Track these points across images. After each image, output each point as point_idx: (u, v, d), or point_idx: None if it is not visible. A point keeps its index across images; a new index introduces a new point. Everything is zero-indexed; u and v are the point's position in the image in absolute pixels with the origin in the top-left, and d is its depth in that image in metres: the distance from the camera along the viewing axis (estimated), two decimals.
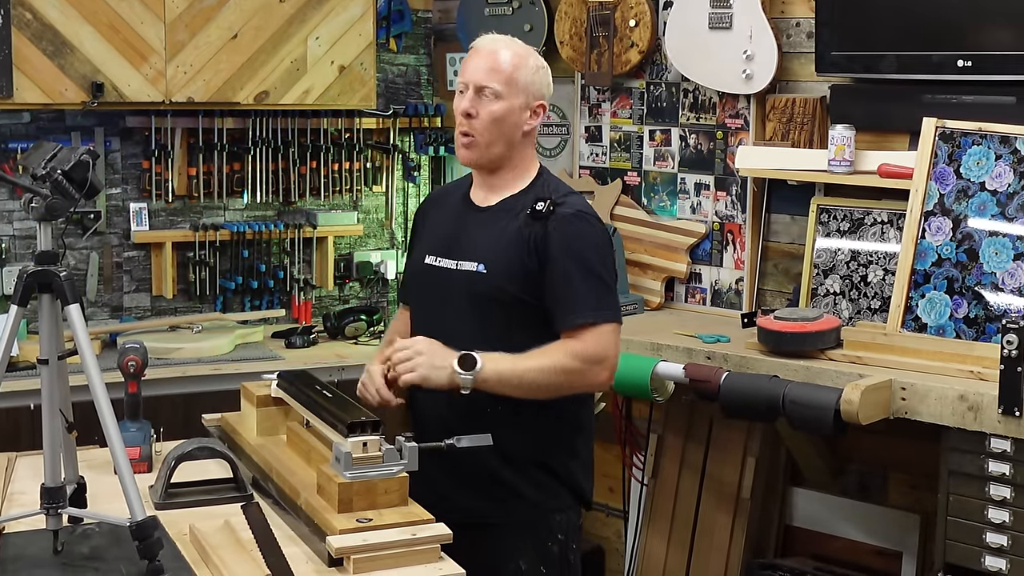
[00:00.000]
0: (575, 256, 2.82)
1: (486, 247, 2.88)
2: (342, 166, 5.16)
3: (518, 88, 2.87)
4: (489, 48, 2.90)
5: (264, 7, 4.67)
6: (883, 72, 3.81)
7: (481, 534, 2.82)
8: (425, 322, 2.96)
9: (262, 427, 3.03)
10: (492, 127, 2.86)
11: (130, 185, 4.86)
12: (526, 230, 2.85)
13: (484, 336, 2.83)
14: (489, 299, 2.85)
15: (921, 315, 3.55)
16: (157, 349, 4.35)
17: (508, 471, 2.88)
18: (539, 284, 2.83)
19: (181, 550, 2.49)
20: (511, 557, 2.89)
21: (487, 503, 2.89)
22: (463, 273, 2.89)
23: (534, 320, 2.85)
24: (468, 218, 2.97)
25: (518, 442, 2.86)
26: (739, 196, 4.28)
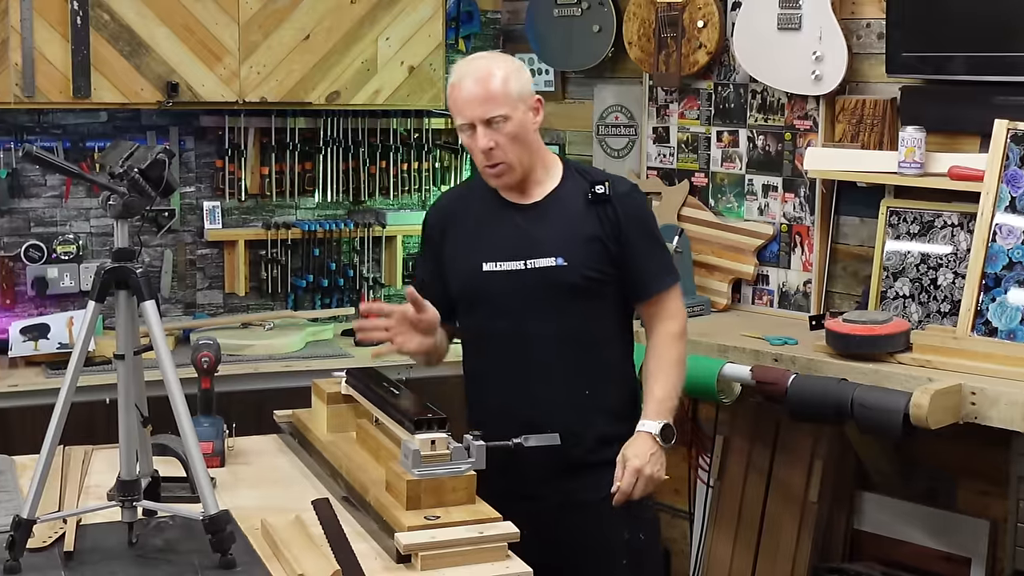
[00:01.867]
0: (644, 229, 2.99)
1: (558, 240, 2.92)
2: (411, 166, 5.20)
3: (515, 99, 2.88)
4: (472, 78, 2.88)
5: (336, 8, 4.72)
6: (954, 73, 3.78)
7: (588, 512, 2.93)
8: (496, 329, 2.97)
9: (332, 424, 3.07)
10: (515, 146, 2.89)
11: (204, 184, 4.93)
12: (593, 214, 2.93)
13: (567, 326, 2.92)
14: (573, 289, 2.91)
15: (992, 319, 3.52)
16: (229, 346, 4.41)
17: (607, 449, 2.93)
18: (616, 262, 2.94)
19: (252, 544, 2.53)
20: (620, 528, 2.95)
21: (583, 483, 2.94)
22: (539, 271, 2.91)
23: (610, 297, 2.97)
24: (517, 218, 2.97)
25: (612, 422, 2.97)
26: (807, 198, 4.26)
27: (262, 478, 2.99)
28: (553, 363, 2.94)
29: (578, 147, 5.20)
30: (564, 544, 2.93)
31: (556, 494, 2.94)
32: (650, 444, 2.89)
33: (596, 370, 2.98)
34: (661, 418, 2.92)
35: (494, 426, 2.80)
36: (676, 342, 3.00)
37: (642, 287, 2.99)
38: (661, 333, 3.00)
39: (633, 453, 2.89)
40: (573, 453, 2.91)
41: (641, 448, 2.89)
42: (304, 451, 3.10)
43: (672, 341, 3.00)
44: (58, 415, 2.40)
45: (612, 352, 3.02)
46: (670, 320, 3.00)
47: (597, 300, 2.95)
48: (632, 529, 2.96)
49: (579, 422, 2.92)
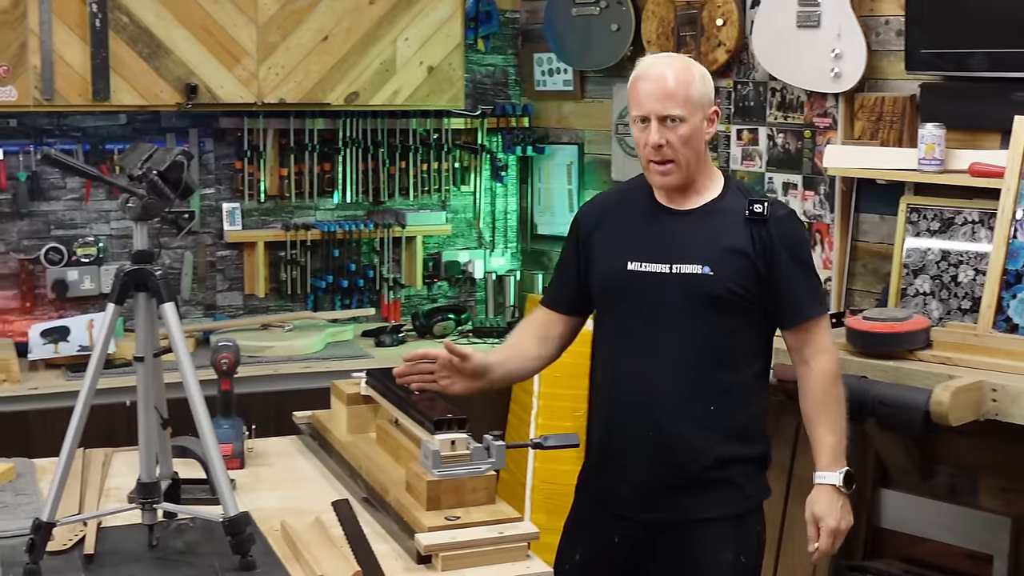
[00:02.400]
0: (798, 257, 2.93)
1: (707, 249, 2.88)
2: (431, 166, 5.21)
3: (695, 105, 2.85)
4: (656, 73, 2.87)
5: (354, 9, 4.73)
6: (974, 70, 3.76)
7: (691, 529, 2.89)
8: (633, 330, 2.93)
9: (352, 425, 3.07)
10: (685, 149, 2.86)
11: (223, 185, 4.94)
12: (747, 232, 2.88)
13: (704, 337, 2.87)
14: (715, 300, 2.86)
15: (1013, 316, 3.51)
16: (249, 347, 4.41)
17: (724, 469, 2.90)
18: (764, 284, 2.88)
19: (272, 546, 2.53)
20: (719, 549, 2.91)
21: (701, 499, 2.90)
22: (683, 277, 2.87)
23: (751, 318, 2.92)
24: (669, 222, 2.94)
25: (732, 442, 2.91)
26: (827, 195, 4.25)
27: (282, 479, 2.99)
28: (681, 373, 2.88)
29: (597, 146, 5.20)
30: (667, 561, 2.90)
31: (670, 509, 2.89)
32: (836, 497, 2.90)
33: (725, 387, 2.90)
34: (838, 466, 2.91)
35: (620, 422, 2.87)
36: (835, 381, 2.95)
37: (790, 312, 2.92)
38: (818, 371, 2.94)
39: (824, 512, 2.90)
40: (689, 469, 2.87)
41: (830, 504, 2.90)
42: (324, 452, 3.11)
43: (832, 380, 2.94)
44: (78, 417, 2.41)
45: (745, 372, 2.94)
46: (823, 356, 2.94)
47: (737, 316, 2.89)
48: (736, 551, 2.92)
49: (699, 438, 2.86)
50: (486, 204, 5.44)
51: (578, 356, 4.60)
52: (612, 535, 2.91)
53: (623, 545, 2.90)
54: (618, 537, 2.90)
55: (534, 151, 5.38)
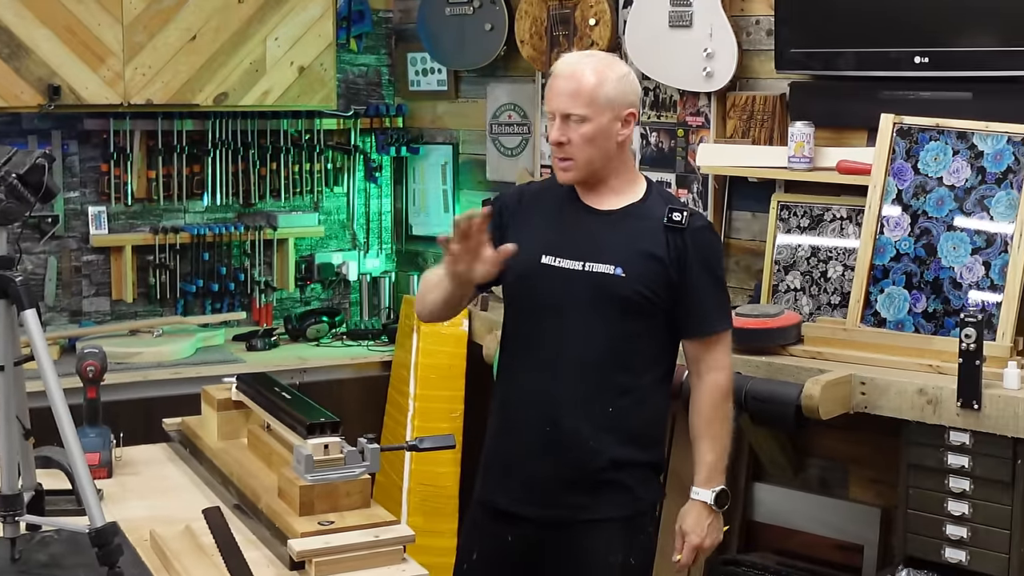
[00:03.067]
0: (710, 269, 2.93)
1: (621, 250, 2.88)
2: (303, 167, 5.15)
3: (601, 105, 2.84)
4: (569, 71, 2.88)
5: (223, 8, 4.65)
6: (841, 69, 3.82)
7: (582, 530, 2.89)
8: (540, 323, 2.93)
9: (223, 431, 3.02)
10: (586, 147, 2.86)
11: (89, 188, 4.83)
12: (663, 238, 2.88)
13: (609, 336, 2.87)
14: (622, 301, 2.86)
15: (880, 310, 3.57)
16: (117, 354, 4.33)
17: (617, 471, 2.91)
18: (673, 291, 2.89)
19: (142, 556, 2.48)
20: (610, 551, 2.91)
21: (593, 500, 2.90)
22: (594, 275, 2.87)
23: (657, 323, 2.91)
24: (588, 220, 2.93)
25: (627, 444, 2.91)
26: (700, 193, 4.29)
27: (151, 488, 2.93)
28: (582, 371, 2.88)
29: (471, 146, 5.19)
30: (558, 561, 2.90)
31: (561, 508, 2.89)
32: (706, 514, 2.92)
33: (625, 390, 2.90)
34: (713, 484, 2.93)
35: (518, 415, 2.88)
36: (725, 400, 2.97)
37: (694, 323, 2.93)
38: (708, 387, 2.95)
39: (690, 528, 2.92)
40: (583, 469, 2.87)
41: (698, 521, 2.93)
42: (194, 459, 3.05)
43: (722, 398, 2.96)
44: None
45: (646, 377, 2.94)
46: (718, 372, 2.95)
47: (643, 320, 2.89)
48: (626, 552, 2.92)
49: (595, 438, 2.87)
50: (360, 205, 5.39)
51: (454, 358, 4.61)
52: (506, 534, 2.91)
53: (517, 544, 2.91)
54: (511, 536, 2.91)
55: (408, 151, 5.35)
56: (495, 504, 2.94)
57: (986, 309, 3.39)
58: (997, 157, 3.46)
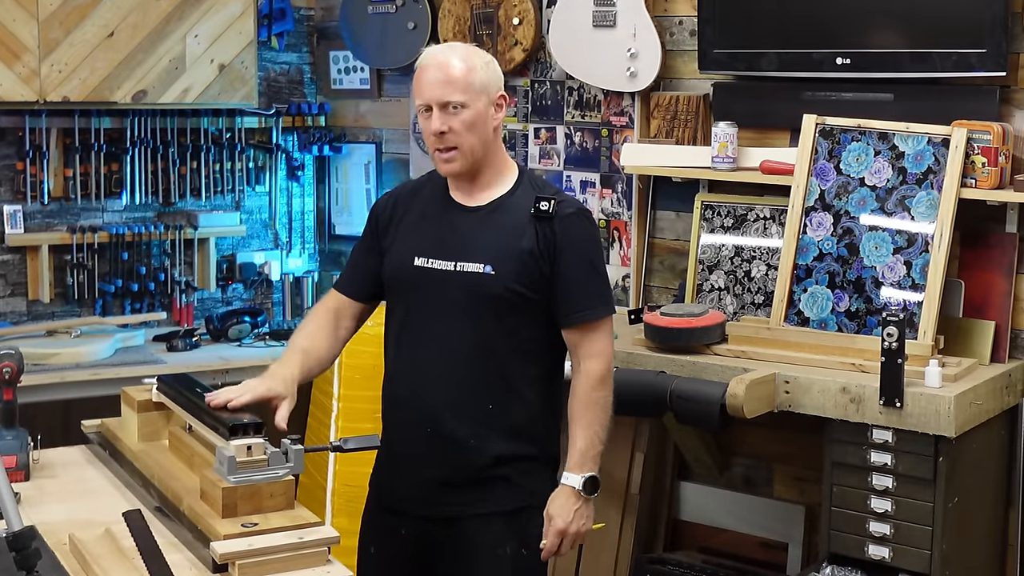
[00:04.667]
0: (582, 255, 2.89)
1: (490, 248, 2.86)
2: (223, 166, 5.09)
3: (477, 90, 2.84)
4: (437, 61, 2.86)
5: (141, 4, 4.59)
6: (764, 70, 3.86)
7: (470, 524, 2.89)
8: (416, 325, 2.92)
9: (143, 432, 2.97)
10: (468, 135, 2.84)
11: (3, 187, 4.74)
12: (532, 230, 2.86)
13: (484, 335, 2.85)
14: (495, 299, 2.84)
15: (804, 309, 3.60)
16: (34, 355, 4.25)
17: (502, 467, 2.89)
18: (547, 283, 2.87)
19: (61, 560, 2.42)
20: (499, 544, 2.90)
21: (479, 495, 2.89)
22: (466, 275, 2.85)
23: (535, 317, 2.89)
24: (457, 218, 2.92)
25: (511, 440, 2.89)
26: (625, 193, 4.30)
27: (70, 491, 2.87)
28: (461, 369, 2.87)
29: (395, 145, 5.16)
30: (449, 555, 2.90)
31: (448, 505, 2.89)
32: (573, 500, 2.86)
33: (505, 387, 2.89)
34: (584, 471, 2.87)
35: (399, 418, 2.89)
36: (600, 386, 2.90)
37: (567, 312, 2.89)
38: (584, 374, 2.90)
39: (556, 512, 2.88)
40: (465, 467, 2.86)
41: (564, 506, 2.87)
42: (114, 461, 3.00)
43: (596, 384, 2.90)
44: None
45: (527, 372, 2.91)
46: (595, 359, 2.90)
47: (521, 316, 2.87)
48: (517, 543, 2.91)
49: (476, 436, 2.86)
50: (282, 204, 5.34)
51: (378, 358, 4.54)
52: (400, 529, 2.92)
53: (410, 538, 2.92)
54: (404, 530, 2.92)
55: (331, 150, 5.31)
56: (387, 502, 2.96)
57: (907, 308, 3.43)
58: (918, 158, 3.50)
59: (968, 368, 3.35)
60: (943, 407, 3.12)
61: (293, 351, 2.95)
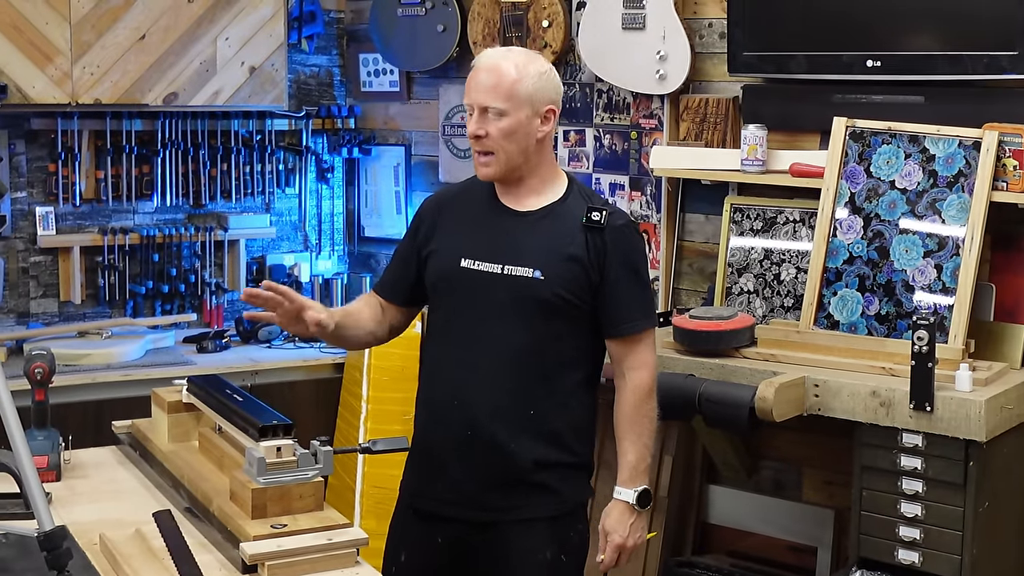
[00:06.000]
0: (631, 267, 2.91)
1: (541, 253, 2.86)
2: (254, 168, 5.11)
3: (521, 100, 2.84)
4: (488, 65, 2.87)
5: (172, 7, 4.62)
6: (794, 72, 3.84)
7: (509, 530, 2.88)
8: (460, 326, 2.92)
9: (173, 433, 2.99)
10: (504, 142, 2.85)
11: (36, 188, 4.77)
12: (582, 238, 2.87)
13: (530, 340, 2.86)
14: (543, 305, 2.85)
15: (833, 312, 3.59)
16: (65, 355, 4.28)
17: (541, 472, 2.89)
18: (594, 292, 2.87)
19: (91, 560, 2.44)
20: (538, 549, 2.90)
21: (518, 501, 2.89)
22: (514, 279, 2.86)
23: (579, 324, 2.90)
24: (507, 222, 2.92)
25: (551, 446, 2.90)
26: (654, 196, 4.30)
27: (100, 491, 2.89)
28: (505, 373, 2.86)
29: (424, 147, 5.17)
30: (488, 561, 2.89)
31: (485, 509, 2.88)
32: (628, 514, 2.91)
33: (547, 392, 2.89)
34: (636, 484, 2.90)
35: (438, 420, 2.86)
36: (648, 398, 2.94)
37: (616, 322, 2.91)
38: (631, 386, 2.93)
39: (612, 527, 2.91)
40: (504, 472, 2.86)
41: (621, 521, 2.91)
42: (145, 462, 3.01)
43: (644, 396, 2.93)
44: None
45: (570, 378, 2.92)
46: (641, 370, 2.93)
47: (566, 323, 2.88)
48: (555, 549, 2.92)
49: (516, 442, 2.85)
50: (312, 206, 5.36)
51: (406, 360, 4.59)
52: (435, 535, 2.90)
53: (446, 545, 2.90)
54: (440, 537, 2.90)
55: (360, 153, 5.33)
56: (421, 506, 2.94)
57: (938, 312, 3.41)
58: (949, 161, 3.48)
59: (999, 372, 3.33)
60: (973, 411, 3.10)
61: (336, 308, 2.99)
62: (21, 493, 2.52)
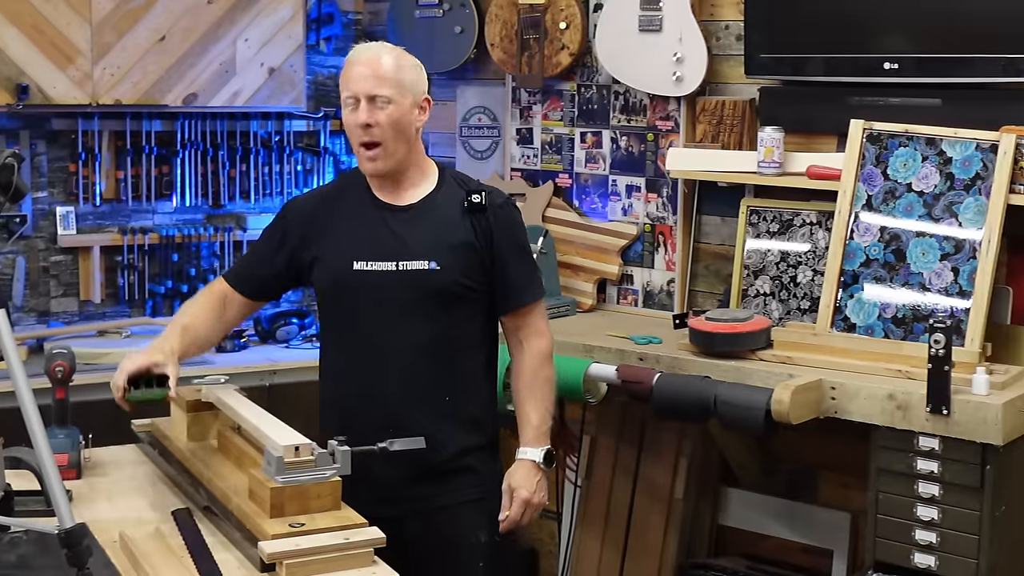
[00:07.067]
0: (517, 244, 3.04)
1: (431, 244, 2.93)
2: (272, 169, 5.13)
3: (405, 88, 2.92)
4: (368, 57, 2.93)
5: (192, 9, 4.64)
6: (811, 74, 3.85)
7: (439, 518, 2.95)
8: (364, 327, 2.96)
9: (192, 432, 3.00)
10: (393, 132, 2.90)
11: (57, 188, 4.80)
12: (468, 223, 2.95)
13: (435, 330, 2.93)
14: (443, 294, 2.92)
15: (850, 315, 3.59)
16: (85, 354, 4.29)
17: (465, 457, 2.98)
18: (487, 272, 2.97)
19: (111, 557, 2.46)
20: (471, 532, 2.99)
21: (445, 487, 2.96)
22: (410, 273, 2.91)
23: (477, 308, 3.00)
24: (390, 218, 2.97)
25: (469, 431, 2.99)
26: (670, 198, 4.30)
27: (120, 489, 2.91)
28: (416, 367, 2.94)
29: (441, 148, 5.18)
30: (422, 549, 2.93)
31: (414, 500, 2.95)
32: (535, 472, 2.99)
33: (458, 378, 2.99)
34: (541, 444, 3.00)
35: (351, 427, 2.75)
36: (546, 362, 3.05)
37: (510, 298, 3.02)
38: (530, 352, 3.04)
39: (519, 483, 2.97)
40: (432, 460, 2.90)
41: (526, 478, 2.98)
42: (164, 461, 3.03)
43: (543, 361, 3.05)
44: None
45: (475, 361, 3.03)
46: (538, 338, 3.05)
47: (464, 307, 2.97)
48: (488, 531, 3.01)
49: (438, 429, 2.91)
50: None
51: None
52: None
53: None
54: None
55: None
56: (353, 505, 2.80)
57: (955, 315, 3.41)
58: (966, 163, 3.48)
59: (1016, 375, 3.33)
60: (990, 415, 3.10)
61: (173, 327, 2.98)
62: (42, 490, 2.55)
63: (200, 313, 3.04)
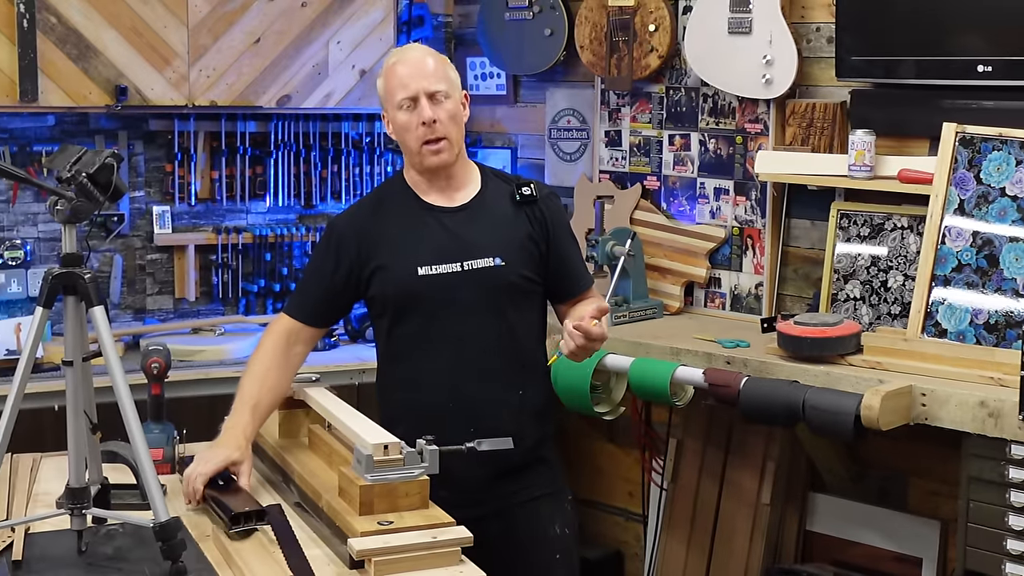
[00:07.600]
0: (566, 230, 3.11)
1: (492, 241, 2.96)
2: (363, 169, 5.19)
3: (454, 83, 2.98)
4: (412, 57, 2.98)
5: (286, 12, 4.70)
6: (903, 77, 3.81)
7: (518, 514, 2.99)
8: (437, 332, 2.97)
9: (284, 429, 3.05)
10: (452, 126, 2.95)
11: (153, 188, 4.89)
12: (523, 216, 3.00)
13: (507, 326, 2.97)
14: (508, 288, 2.96)
15: (941, 320, 3.55)
16: (180, 351, 4.37)
17: (539, 449, 3.04)
18: (545, 263, 3.02)
19: (204, 551, 2.50)
20: (548, 525, 3.03)
21: (520, 484, 3.00)
22: (477, 272, 2.94)
23: (537, 299, 3.06)
24: (444, 220, 2.99)
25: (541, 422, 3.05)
26: (759, 201, 4.28)
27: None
28: (491, 365, 2.96)
29: (530, 150, 5.20)
30: (502, 548, 2.92)
31: (496, 499, 2.97)
32: None
33: (528, 370, 3.03)
34: None
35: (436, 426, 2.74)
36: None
37: (571, 286, 3.09)
38: None
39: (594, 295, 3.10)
40: (513, 457, 2.87)
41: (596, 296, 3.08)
42: (256, 457, 3.08)
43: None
44: (5, 422, 2.37)
45: (538, 352, 3.09)
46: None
47: (528, 301, 3.02)
48: (560, 524, 3.05)
49: (515, 424, 2.92)
50: None
51: None
52: None
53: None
54: None
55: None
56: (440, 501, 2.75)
57: None
58: None
59: None
60: None
61: (242, 405, 2.90)
62: (138, 484, 2.61)
63: (265, 375, 2.96)
